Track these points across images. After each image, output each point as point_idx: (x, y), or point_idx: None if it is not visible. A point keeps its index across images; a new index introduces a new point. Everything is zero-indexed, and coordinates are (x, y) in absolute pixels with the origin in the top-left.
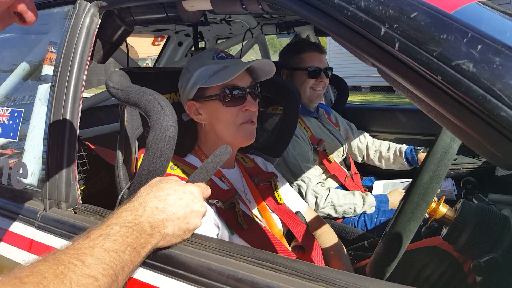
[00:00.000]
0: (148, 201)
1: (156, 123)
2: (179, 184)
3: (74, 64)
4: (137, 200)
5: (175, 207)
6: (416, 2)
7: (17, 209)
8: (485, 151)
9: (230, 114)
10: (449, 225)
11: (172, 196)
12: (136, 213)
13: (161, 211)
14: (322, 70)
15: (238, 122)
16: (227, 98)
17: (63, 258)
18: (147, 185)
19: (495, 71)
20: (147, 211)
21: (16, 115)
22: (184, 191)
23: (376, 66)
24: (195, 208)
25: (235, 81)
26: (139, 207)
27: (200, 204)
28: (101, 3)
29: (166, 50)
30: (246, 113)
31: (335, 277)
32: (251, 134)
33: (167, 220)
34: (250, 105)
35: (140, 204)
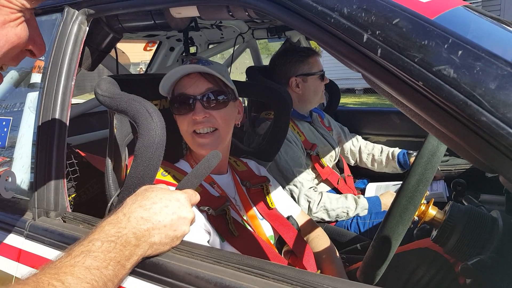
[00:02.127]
0: (132, 211)
1: (144, 130)
2: (165, 191)
3: (62, 71)
4: (121, 211)
5: (161, 215)
6: (398, 9)
7: (6, 218)
8: (468, 155)
9: (182, 122)
10: (439, 228)
11: (158, 204)
12: (119, 226)
13: (146, 221)
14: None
15: (190, 130)
16: (175, 107)
17: (43, 280)
18: (134, 194)
19: (476, 76)
20: (132, 222)
21: (4, 124)
22: (170, 198)
23: (360, 72)
24: (182, 215)
25: (185, 89)
26: (123, 218)
27: (187, 211)
28: (88, 11)
29: (158, 55)
30: (195, 120)
31: (322, 282)
32: (204, 145)
33: (153, 229)
34: (196, 114)
35: (124, 215)
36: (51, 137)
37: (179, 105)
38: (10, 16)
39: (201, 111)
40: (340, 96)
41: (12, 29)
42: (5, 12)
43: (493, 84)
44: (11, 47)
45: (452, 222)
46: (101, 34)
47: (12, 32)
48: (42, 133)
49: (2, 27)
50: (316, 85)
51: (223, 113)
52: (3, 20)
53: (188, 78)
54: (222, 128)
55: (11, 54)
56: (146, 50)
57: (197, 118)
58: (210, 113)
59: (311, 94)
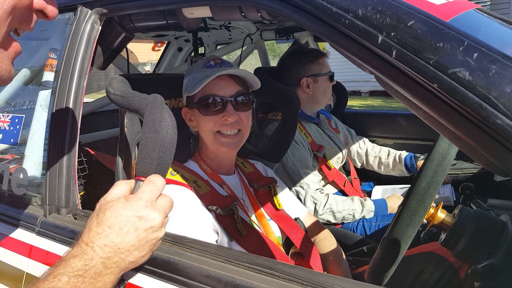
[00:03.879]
0: (94, 240)
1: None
2: (119, 207)
3: (75, 70)
4: (82, 240)
5: (123, 237)
6: (413, 11)
7: (17, 215)
8: (481, 158)
9: (208, 122)
10: (447, 231)
11: (115, 226)
12: (85, 257)
13: (110, 247)
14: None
15: (215, 129)
16: (204, 107)
17: None
18: (93, 214)
19: (491, 79)
20: (97, 252)
21: (17, 121)
22: (126, 214)
23: (373, 73)
24: (147, 225)
25: (214, 90)
26: (87, 249)
27: (151, 218)
28: (101, 10)
29: (166, 55)
30: (224, 122)
31: (333, 283)
32: (227, 144)
33: (121, 253)
34: (228, 115)
35: (87, 245)
36: (63, 135)
37: (208, 105)
38: None
39: (233, 113)
40: (348, 98)
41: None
42: None
43: (509, 87)
44: (13, 4)
45: (461, 226)
46: (113, 33)
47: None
48: (54, 131)
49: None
50: (325, 86)
51: (248, 114)
52: None
53: (219, 80)
54: (246, 130)
55: (18, 13)
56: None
57: (229, 120)
58: (239, 115)
59: (320, 94)
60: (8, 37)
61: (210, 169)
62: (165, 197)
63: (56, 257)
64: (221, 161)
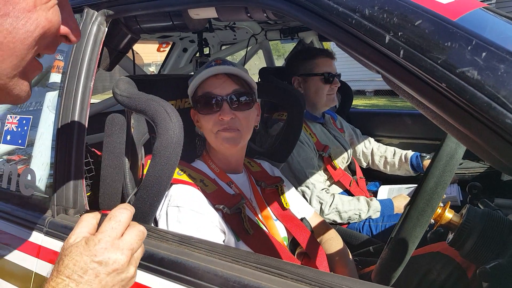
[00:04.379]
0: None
1: (163, 129)
2: (77, 252)
3: (81, 71)
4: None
5: (84, 285)
6: (420, 10)
7: (25, 215)
8: (490, 157)
9: (207, 122)
10: (455, 231)
11: (74, 275)
12: None
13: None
14: (336, 76)
15: (215, 130)
16: (201, 106)
17: None
18: (56, 260)
19: (500, 78)
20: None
21: (24, 122)
22: (85, 261)
23: (380, 73)
24: (109, 269)
25: (211, 89)
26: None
27: (112, 260)
28: (108, 11)
29: (171, 56)
30: (222, 121)
31: (341, 283)
32: (227, 140)
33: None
34: (223, 114)
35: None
36: (71, 136)
37: (205, 104)
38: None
39: (228, 111)
40: (353, 98)
41: (43, 12)
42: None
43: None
44: (42, 33)
45: (469, 225)
46: (120, 34)
47: (43, 16)
48: (61, 132)
49: (33, 11)
50: (317, 86)
51: (247, 114)
52: (33, 2)
53: (215, 78)
54: (244, 130)
55: (45, 41)
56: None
57: (225, 119)
58: (236, 114)
59: (312, 95)
60: (33, 61)
61: (218, 168)
62: (133, 229)
63: None
64: (228, 159)
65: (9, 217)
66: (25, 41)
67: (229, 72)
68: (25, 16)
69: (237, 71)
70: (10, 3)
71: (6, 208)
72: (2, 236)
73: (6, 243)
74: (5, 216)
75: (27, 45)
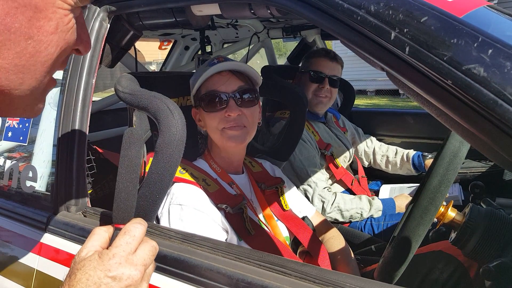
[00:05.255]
0: None
1: (165, 127)
2: (90, 267)
3: (83, 68)
4: None
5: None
6: (426, 7)
7: (27, 212)
8: (495, 155)
9: (213, 119)
10: (458, 229)
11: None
12: None
13: None
14: (327, 77)
15: (220, 127)
16: (205, 104)
17: None
18: (67, 273)
19: (506, 76)
20: None
21: (26, 119)
22: (98, 276)
23: (385, 70)
24: (123, 285)
25: (216, 86)
26: None
27: (126, 275)
28: (110, 8)
29: (173, 54)
30: (228, 118)
31: (344, 281)
32: (234, 138)
33: None
34: (230, 111)
35: None
36: (73, 133)
37: (210, 102)
38: (63, 19)
39: (235, 108)
40: (355, 97)
41: (63, 34)
42: (59, 15)
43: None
44: (60, 53)
45: (472, 224)
46: (122, 31)
47: (62, 37)
48: (63, 128)
49: (55, 33)
50: (304, 85)
51: (252, 110)
52: (56, 25)
53: (220, 76)
54: (250, 126)
55: (61, 59)
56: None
57: (232, 115)
58: (242, 111)
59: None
60: (50, 80)
61: (220, 168)
62: (146, 245)
63: (66, 254)
64: (230, 158)
65: (11, 214)
66: (45, 64)
67: (234, 69)
68: (48, 39)
69: (242, 67)
70: (35, 26)
71: (8, 205)
72: (4, 233)
73: (8, 240)
74: (6, 213)
75: (47, 67)
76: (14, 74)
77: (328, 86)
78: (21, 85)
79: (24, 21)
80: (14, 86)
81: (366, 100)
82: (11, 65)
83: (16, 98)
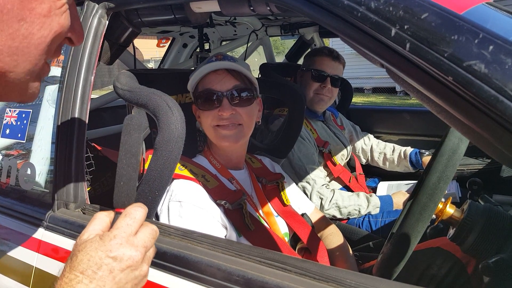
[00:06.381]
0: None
1: (165, 124)
2: (92, 248)
3: (82, 65)
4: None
5: (98, 281)
6: (426, 3)
7: (26, 210)
8: (495, 151)
9: (206, 117)
10: (457, 226)
11: (88, 271)
12: None
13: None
14: (329, 76)
15: (213, 124)
16: (201, 102)
17: None
18: (69, 256)
19: (507, 72)
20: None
21: (24, 116)
22: (99, 256)
23: (385, 67)
24: (124, 265)
25: (211, 85)
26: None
27: (127, 256)
28: (108, 4)
29: (171, 52)
30: (221, 116)
31: (344, 277)
32: (227, 137)
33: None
34: (223, 110)
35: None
36: (71, 130)
37: (205, 100)
38: (56, 3)
39: (228, 107)
40: (353, 94)
41: (57, 18)
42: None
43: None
44: (53, 37)
45: (470, 221)
46: (120, 28)
47: (56, 21)
48: (62, 126)
49: (48, 15)
50: (306, 83)
51: (248, 110)
52: (48, 8)
53: (215, 74)
54: (246, 125)
55: (54, 44)
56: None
57: (224, 114)
58: (236, 110)
59: (304, 89)
60: (44, 65)
61: (219, 164)
62: (146, 228)
63: (65, 252)
64: (229, 155)
65: (9, 211)
66: (39, 46)
67: (229, 68)
68: (40, 21)
69: (237, 66)
70: (27, 8)
71: (6, 203)
72: (2, 230)
73: (6, 238)
74: (5, 211)
75: (40, 50)
76: (8, 56)
77: (330, 86)
78: (16, 68)
79: (16, 2)
80: (8, 68)
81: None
82: (5, 46)
83: (11, 81)
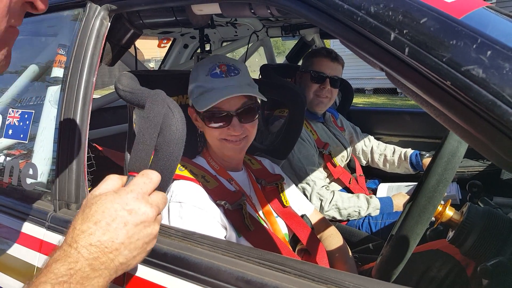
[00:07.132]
0: (78, 240)
1: (165, 125)
2: (107, 200)
3: (84, 66)
4: (65, 241)
5: (111, 233)
6: (425, 8)
7: (27, 210)
8: (493, 155)
9: (213, 131)
10: (456, 228)
11: (102, 222)
12: (69, 260)
13: (96, 247)
14: (328, 77)
15: (220, 138)
16: (209, 120)
17: None
18: (79, 210)
19: (505, 77)
20: (82, 253)
21: (26, 117)
22: (115, 208)
23: (384, 70)
24: (138, 219)
25: (220, 105)
26: (70, 251)
27: (142, 211)
28: (110, 6)
29: (172, 52)
30: (230, 132)
31: (344, 279)
32: (233, 149)
33: (109, 253)
34: (233, 129)
35: (70, 246)
36: (73, 130)
37: (213, 118)
38: None
39: (239, 127)
40: (353, 95)
41: None
42: None
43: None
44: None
45: (470, 223)
46: (122, 29)
47: None
48: (64, 126)
49: None
50: (305, 85)
51: (254, 123)
52: None
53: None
54: (251, 135)
55: (16, 7)
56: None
57: (235, 133)
58: (245, 126)
59: (304, 91)
60: (8, 30)
61: (218, 165)
62: (159, 193)
63: None
64: (228, 160)
65: (11, 211)
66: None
67: (242, 94)
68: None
69: (252, 91)
70: None
71: (8, 203)
72: (4, 230)
73: (8, 238)
74: (6, 211)
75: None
76: None
77: (329, 87)
78: None
79: None
80: None
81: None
82: None
83: None
